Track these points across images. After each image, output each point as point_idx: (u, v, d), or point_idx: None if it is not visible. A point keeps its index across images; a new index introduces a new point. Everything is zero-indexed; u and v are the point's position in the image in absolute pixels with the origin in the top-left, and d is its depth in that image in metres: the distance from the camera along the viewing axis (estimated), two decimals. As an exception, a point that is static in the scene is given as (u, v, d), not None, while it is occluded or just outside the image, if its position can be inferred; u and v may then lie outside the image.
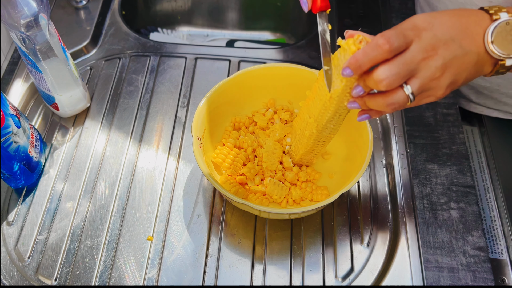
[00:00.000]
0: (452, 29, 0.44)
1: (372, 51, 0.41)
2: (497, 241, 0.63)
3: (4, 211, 0.63)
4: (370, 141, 0.57)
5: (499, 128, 0.74)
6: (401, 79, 0.42)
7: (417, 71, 0.43)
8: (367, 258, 0.59)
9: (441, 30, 0.43)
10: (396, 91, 0.44)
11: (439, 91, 0.44)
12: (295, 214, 0.57)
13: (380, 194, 0.64)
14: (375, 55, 0.41)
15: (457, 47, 0.43)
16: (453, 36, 0.43)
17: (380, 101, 0.45)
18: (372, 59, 0.42)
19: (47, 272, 0.58)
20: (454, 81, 0.44)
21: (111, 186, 0.64)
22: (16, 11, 0.56)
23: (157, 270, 0.58)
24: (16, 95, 0.73)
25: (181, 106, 0.73)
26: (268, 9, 0.97)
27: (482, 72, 0.46)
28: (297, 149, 0.60)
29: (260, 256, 0.59)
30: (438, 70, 0.43)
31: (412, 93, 0.43)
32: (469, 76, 0.45)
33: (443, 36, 0.43)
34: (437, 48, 0.42)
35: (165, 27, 1.00)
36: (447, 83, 0.44)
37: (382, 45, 0.41)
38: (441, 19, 0.44)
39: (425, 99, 0.45)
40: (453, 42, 0.43)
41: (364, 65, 0.42)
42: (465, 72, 0.44)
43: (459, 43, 0.43)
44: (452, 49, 0.43)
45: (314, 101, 0.52)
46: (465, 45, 0.44)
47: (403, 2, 0.86)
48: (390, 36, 0.41)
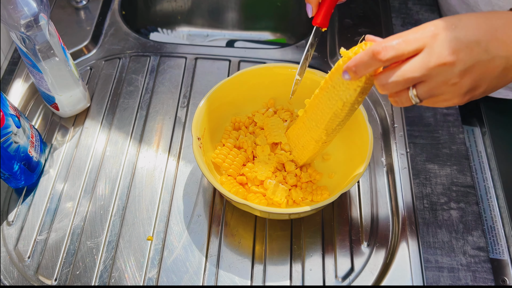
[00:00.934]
0: (478, 30, 0.39)
1: (366, 58, 0.40)
2: (498, 241, 0.63)
3: (4, 211, 0.63)
4: (370, 141, 0.57)
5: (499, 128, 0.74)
6: (401, 86, 0.41)
7: (428, 77, 0.40)
8: (367, 258, 0.59)
9: (464, 32, 0.39)
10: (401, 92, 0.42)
11: (456, 97, 0.41)
12: (295, 214, 0.57)
13: (380, 194, 0.64)
14: (369, 63, 0.40)
15: (482, 51, 0.39)
16: (478, 38, 0.39)
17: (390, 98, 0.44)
18: (367, 66, 0.41)
19: (47, 272, 0.58)
20: (474, 87, 0.40)
21: (111, 186, 0.64)
22: (16, 11, 0.56)
23: (157, 270, 0.58)
24: (16, 95, 0.73)
25: (181, 106, 0.73)
26: (268, 9, 0.97)
27: (508, 80, 0.42)
28: (303, 155, 0.60)
29: (260, 256, 0.59)
30: (455, 76, 0.39)
31: (417, 98, 0.41)
32: (493, 83, 0.41)
33: (466, 38, 0.39)
34: (459, 51, 0.39)
35: (165, 27, 1.00)
36: (465, 90, 0.40)
37: (376, 54, 0.40)
38: (465, 21, 0.40)
39: (440, 103, 0.42)
40: (478, 45, 0.39)
41: (359, 71, 0.41)
42: (488, 78, 0.40)
43: (485, 46, 0.39)
44: (476, 53, 0.39)
45: (321, 110, 0.52)
46: (492, 48, 0.39)
47: (403, 2, 0.86)
48: (387, 46, 0.39)
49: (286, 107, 0.68)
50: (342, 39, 0.80)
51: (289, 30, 0.99)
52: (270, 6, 0.96)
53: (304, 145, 0.58)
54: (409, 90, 0.41)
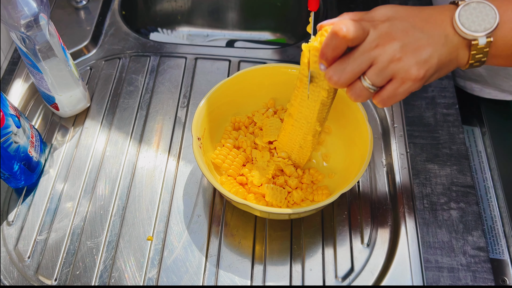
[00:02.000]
0: (412, 18, 0.43)
1: (331, 40, 0.41)
2: (498, 241, 0.63)
3: (4, 211, 0.63)
4: (370, 141, 0.57)
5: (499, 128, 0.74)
6: (353, 74, 0.42)
7: (373, 59, 0.42)
8: (367, 258, 0.59)
9: (399, 20, 0.42)
10: (354, 84, 0.44)
11: (409, 71, 0.42)
12: (295, 214, 0.57)
13: (380, 194, 0.64)
14: (335, 43, 0.41)
15: (417, 32, 0.42)
16: (413, 24, 0.42)
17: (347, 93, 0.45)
18: (334, 48, 0.41)
19: (47, 272, 0.58)
20: (422, 60, 0.42)
21: (111, 186, 0.64)
22: (16, 11, 0.56)
23: (157, 270, 0.58)
24: (16, 95, 0.73)
25: (181, 106, 0.73)
26: (268, 9, 0.97)
27: (457, 56, 0.44)
28: (303, 154, 0.61)
29: (260, 256, 0.59)
30: (396, 52, 0.41)
31: (370, 84, 0.43)
32: (442, 56, 0.43)
33: (402, 25, 0.42)
34: (394, 34, 0.41)
35: (165, 27, 1.00)
36: (414, 61, 0.41)
37: (339, 31, 0.40)
38: (401, 12, 0.43)
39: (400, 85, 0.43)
40: (413, 28, 0.42)
41: (329, 57, 0.42)
42: (435, 52, 0.42)
43: (420, 29, 0.42)
44: (412, 34, 0.42)
45: (307, 106, 0.52)
46: (428, 30, 0.42)
47: (403, 2, 0.86)
48: (345, 22, 0.41)
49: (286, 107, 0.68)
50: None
51: (289, 30, 0.99)
52: (270, 6, 0.96)
53: (301, 145, 0.58)
54: (361, 80, 0.43)
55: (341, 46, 0.42)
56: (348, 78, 0.43)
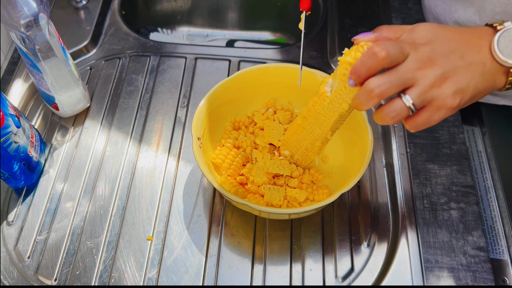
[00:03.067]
0: (452, 43, 0.43)
1: (368, 60, 0.41)
2: (498, 241, 0.63)
3: (4, 211, 0.63)
4: (370, 141, 0.57)
5: (499, 128, 0.74)
6: (394, 88, 0.42)
7: (414, 80, 0.42)
8: (367, 258, 0.59)
9: (440, 44, 0.42)
10: (394, 101, 0.43)
11: (447, 101, 0.42)
12: (295, 214, 0.57)
13: (380, 194, 0.64)
14: (372, 64, 0.41)
15: (457, 58, 0.42)
16: (453, 49, 0.43)
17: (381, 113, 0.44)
18: (369, 68, 0.41)
19: (47, 272, 0.58)
20: (459, 89, 0.42)
21: (111, 186, 0.64)
22: (16, 11, 0.56)
23: (157, 270, 0.58)
24: (16, 95, 0.73)
25: (181, 106, 0.73)
26: (268, 9, 0.97)
27: (494, 83, 0.45)
28: (307, 157, 0.61)
29: (260, 256, 0.59)
30: (437, 78, 0.42)
31: (412, 104, 0.42)
32: (478, 85, 0.44)
33: (442, 49, 0.42)
34: (436, 59, 0.42)
35: (165, 27, 1.00)
36: (452, 90, 0.42)
37: (378, 53, 0.40)
38: (441, 34, 0.43)
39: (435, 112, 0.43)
40: (453, 54, 0.42)
41: (362, 75, 0.42)
42: (472, 81, 0.43)
43: (460, 54, 0.43)
44: (452, 60, 0.42)
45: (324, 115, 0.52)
46: (467, 56, 0.43)
47: (403, 2, 0.86)
48: (387, 45, 0.41)
49: (286, 107, 0.68)
50: (342, 39, 0.80)
51: (289, 30, 0.99)
52: (270, 6, 0.96)
53: (308, 148, 0.59)
54: (402, 98, 0.43)
55: (377, 68, 0.41)
56: (391, 90, 0.42)
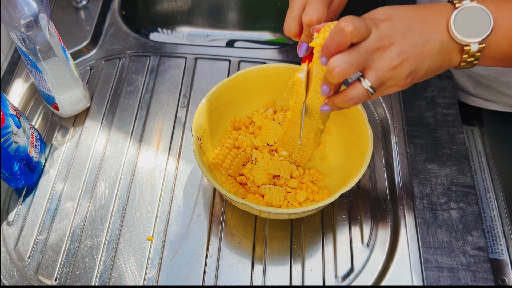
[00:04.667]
0: (411, 19, 0.43)
1: (336, 35, 0.42)
2: (497, 241, 0.63)
3: (4, 211, 0.63)
4: (370, 141, 0.57)
5: (499, 128, 0.74)
6: (354, 67, 0.42)
7: (372, 62, 0.43)
8: (367, 258, 0.59)
9: (400, 21, 0.43)
10: (354, 85, 0.44)
11: (400, 81, 0.44)
12: (295, 214, 0.57)
13: (380, 194, 0.64)
14: (340, 39, 0.42)
15: (416, 36, 0.43)
16: (412, 26, 0.43)
17: (342, 98, 0.46)
18: (338, 43, 0.42)
19: (47, 272, 0.58)
20: (415, 69, 0.44)
21: (111, 186, 0.64)
22: (16, 11, 0.56)
23: (157, 270, 0.58)
24: (16, 95, 0.73)
25: (181, 106, 0.73)
26: (268, 9, 0.97)
27: (449, 61, 0.46)
28: (305, 153, 0.61)
29: (260, 256, 0.59)
30: (394, 59, 0.42)
31: (371, 87, 0.44)
32: (433, 64, 0.44)
33: (401, 26, 0.43)
34: (394, 38, 0.42)
35: (165, 27, 1.00)
36: (407, 72, 0.43)
37: (345, 27, 0.41)
38: (401, 11, 0.44)
39: (386, 89, 0.45)
40: (412, 31, 0.43)
41: (332, 51, 0.43)
42: (427, 60, 0.44)
43: (419, 32, 0.43)
44: (411, 39, 0.43)
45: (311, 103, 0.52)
46: (426, 34, 0.43)
47: (402, 2, 0.86)
48: (352, 19, 0.41)
49: (286, 107, 0.68)
50: (342, 39, 0.80)
51: (289, 30, 0.98)
52: (270, 6, 0.96)
53: (302, 142, 0.58)
54: (361, 82, 0.44)
55: (346, 42, 0.42)
56: (350, 70, 0.43)
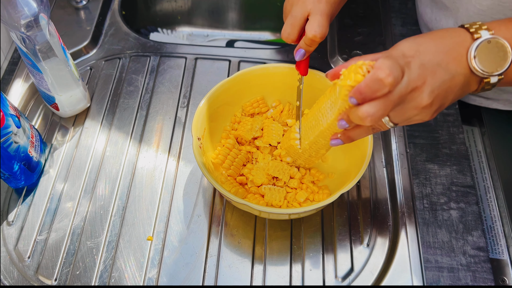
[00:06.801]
0: (437, 53, 0.44)
1: (374, 84, 0.42)
2: (497, 241, 0.63)
3: (4, 211, 0.63)
4: (370, 142, 0.57)
5: (499, 128, 0.74)
6: (384, 115, 0.43)
7: (403, 104, 0.44)
8: (367, 258, 0.59)
9: (427, 56, 0.44)
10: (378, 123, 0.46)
11: (426, 116, 0.45)
12: (295, 214, 0.57)
13: (380, 194, 0.64)
14: (378, 89, 0.42)
15: (443, 71, 0.44)
16: (439, 61, 0.44)
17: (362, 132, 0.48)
18: (375, 92, 0.42)
19: (47, 272, 0.58)
20: (441, 105, 0.45)
21: (111, 186, 0.64)
22: (16, 11, 0.56)
23: (157, 270, 0.58)
24: (16, 95, 0.73)
25: (181, 106, 0.73)
26: (268, 9, 0.97)
27: (468, 91, 0.47)
28: (311, 163, 0.61)
29: (260, 256, 0.59)
30: (424, 100, 0.43)
31: (393, 125, 0.45)
32: (456, 97, 0.46)
33: (430, 62, 0.44)
34: (425, 77, 0.43)
35: (165, 27, 1.00)
36: (435, 109, 0.45)
37: (385, 79, 0.41)
38: (426, 45, 0.45)
39: (411, 122, 0.46)
40: (440, 67, 0.44)
41: (367, 97, 0.43)
42: (452, 95, 0.45)
43: (445, 67, 0.44)
44: (439, 75, 0.44)
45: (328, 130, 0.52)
46: (451, 68, 0.44)
47: (403, 2, 0.86)
48: (390, 68, 0.41)
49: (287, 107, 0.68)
50: (342, 39, 0.80)
51: (289, 30, 0.98)
52: (270, 6, 0.96)
53: (312, 155, 0.59)
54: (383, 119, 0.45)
55: (384, 92, 0.42)
56: (383, 117, 0.44)
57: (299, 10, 0.54)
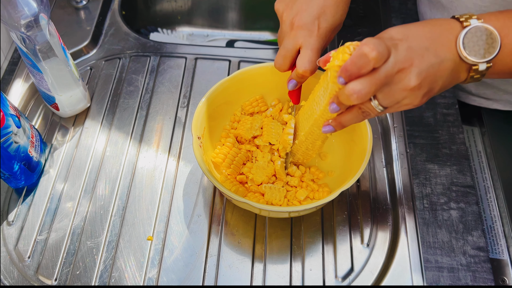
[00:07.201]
0: (426, 38, 0.45)
1: (359, 60, 0.42)
2: (497, 241, 0.63)
3: (4, 211, 0.63)
4: (370, 139, 0.57)
5: (499, 127, 0.74)
6: (373, 92, 0.43)
7: (390, 84, 0.44)
8: (367, 258, 0.59)
9: (416, 41, 0.44)
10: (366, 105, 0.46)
11: (415, 100, 0.45)
12: (295, 213, 0.57)
13: (380, 194, 0.64)
14: (363, 64, 0.42)
15: (432, 55, 0.44)
16: (427, 45, 0.44)
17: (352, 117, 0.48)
18: (360, 68, 0.42)
19: (47, 272, 0.58)
20: (430, 89, 0.45)
21: (111, 186, 0.64)
22: (16, 11, 0.56)
23: (157, 270, 0.58)
24: (16, 95, 0.73)
25: (181, 106, 0.73)
26: (268, 9, 0.96)
27: (458, 79, 0.47)
28: (308, 156, 0.61)
29: (260, 256, 0.59)
30: (412, 81, 0.43)
31: (381, 108, 0.45)
32: (445, 83, 0.46)
33: (418, 46, 0.44)
34: (413, 59, 0.43)
35: (165, 27, 1.00)
36: (423, 92, 0.45)
37: (369, 53, 0.41)
38: (415, 30, 0.45)
39: (401, 107, 0.46)
40: (428, 51, 0.44)
41: (353, 74, 0.43)
42: (441, 79, 0.45)
43: (434, 51, 0.44)
44: (427, 59, 0.44)
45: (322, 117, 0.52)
46: (441, 53, 0.44)
47: (403, 2, 0.86)
48: (375, 44, 0.41)
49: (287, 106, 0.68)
50: (342, 39, 0.80)
51: (289, 30, 0.98)
52: (270, 6, 0.96)
53: (308, 147, 0.59)
54: (371, 101, 0.45)
55: (368, 68, 0.42)
56: (369, 95, 0.44)
57: (291, 43, 0.55)
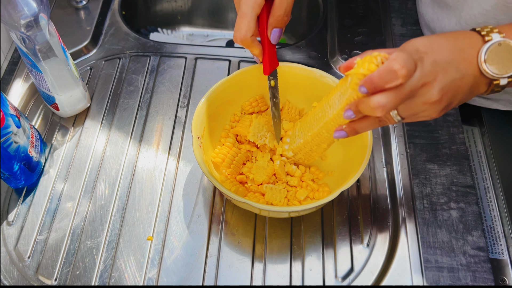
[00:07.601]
0: (449, 52, 0.45)
1: (387, 75, 0.42)
2: (497, 241, 0.63)
3: (4, 211, 0.63)
4: (370, 139, 0.57)
5: (499, 128, 0.74)
6: (395, 107, 0.44)
7: (412, 97, 0.44)
8: (367, 258, 0.59)
9: (440, 54, 0.44)
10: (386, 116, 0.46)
11: (434, 113, 0.46)
12: (295, 212, 0.57)
13: (380, 194, 0.64)
14: (391, 79, 0.42)
15: (454, 70, 0.44)
16: (450, 59, 0.45)
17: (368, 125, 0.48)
18: (387, 83, 0.43)
19: (47, 272, 0.58)
20: (449, 103, 0.46)
21: (111, 186, 0.64)
22: (16, 11, 0.56)
23: (157, 270, 0.58)
24: (16, 95, 0.73)
25: (181, 106, 0.73)
26: (268, 9, 0.96)
27: (477, 92, 0.48)
28: (311, 158, 0.61)
29: (260, 256, 0.59)
30: (434, 95, 0.44)
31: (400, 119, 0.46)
32: (464, 97, 0.47)
33: (442, 60, 0.44)
34: (437, 73, 0.44)
35: (165, 27, 1.00)
36: (443, 106, 0.45)
37: (398, 71, 0.42)
38: (439, 42, 0.45)
39: (418, 118, 0.47)
40: (451, 65, 0.44)
41: (378, 87, 0.43)
42: (460, 94, 0.46)
43: (456, 66, 0.45)
44: (450, 74, 0.44)
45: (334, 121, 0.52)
46: (462, 68, 0.45)
47: (403, 2, 0.86)
48: (405, 61, 0.42)
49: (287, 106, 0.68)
50: (342, 39, 0.80)
51: (289, 30, 0.98)
52: (270, 6, 0.96)
53: (312, 149, 0.59)
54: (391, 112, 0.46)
55: (395, 84, 0.42)
56: (393, 108, 0.44)
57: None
